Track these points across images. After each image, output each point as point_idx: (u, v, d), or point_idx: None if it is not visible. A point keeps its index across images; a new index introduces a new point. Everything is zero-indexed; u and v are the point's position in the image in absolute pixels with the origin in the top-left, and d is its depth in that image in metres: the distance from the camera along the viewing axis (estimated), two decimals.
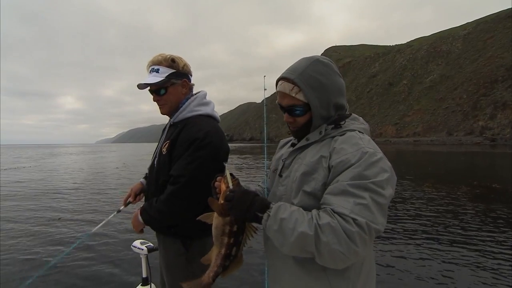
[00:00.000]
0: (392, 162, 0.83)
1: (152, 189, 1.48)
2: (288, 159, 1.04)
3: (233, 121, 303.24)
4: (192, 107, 1.46)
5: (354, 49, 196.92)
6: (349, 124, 0.97)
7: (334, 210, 0.77)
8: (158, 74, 1.40)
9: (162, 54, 1.44)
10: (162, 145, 1.45)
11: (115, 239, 4.53)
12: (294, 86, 0.94)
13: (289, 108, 0.98)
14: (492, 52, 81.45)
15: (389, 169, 0.84)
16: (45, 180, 12.23)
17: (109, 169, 17.07)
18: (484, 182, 9.89)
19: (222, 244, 0.89)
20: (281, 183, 1.02)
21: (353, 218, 0.74)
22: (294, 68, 0.97)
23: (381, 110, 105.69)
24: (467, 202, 7.04)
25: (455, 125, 71.82)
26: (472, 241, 4.38)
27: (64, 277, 3.34)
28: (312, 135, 0.98)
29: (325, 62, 0.97)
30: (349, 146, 0.87)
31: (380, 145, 0.87)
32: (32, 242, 4.51)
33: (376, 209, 0.77)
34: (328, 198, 0.81)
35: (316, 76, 0.94)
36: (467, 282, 3.19)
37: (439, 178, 11.18)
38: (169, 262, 1.47)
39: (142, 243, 2.11)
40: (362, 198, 0.76)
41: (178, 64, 1.44)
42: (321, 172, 0.88)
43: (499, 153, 27.08)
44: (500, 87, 68.27)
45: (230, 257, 0.90)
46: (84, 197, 8.45)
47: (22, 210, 6.67)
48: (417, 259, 3.79)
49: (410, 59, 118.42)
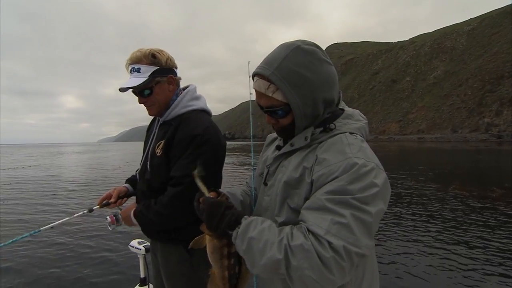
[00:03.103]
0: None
1: (145, 193, 1.37)
2: (273, 165, 0.93)
3: (234, 119, 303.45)
4: (185, 102, 1.35)
5: (356, 46, 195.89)
6: (341, 126, 0.83)
7: (309, 228, 0.67)
8: (140, 74, 1.25)
9: (141, 50, 1.27)
10: (155, 146, 1.33)
11: (112, 239, 4.43)
12: (270, 84, 0.78)
13: (268, 109, 0.83)
14: (498, 47, 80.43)
15: (380, 183, 0.71)
16: (46, 181, 12.11)
17: (112, 168, 16.88)
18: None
19: (223, 267, 0.81)
20: (266, 193, 0.91)
21: (328, 241, 0.63)
22: (269, 60, 0.80)
23: (384, 107, 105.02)
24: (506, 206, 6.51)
25: (460, 122, 71.14)
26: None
27: (61, 277, 3.28)
28: (297, 140, 0.85)
29: (307, 49, 0.78)
30: (333, 155, 0.74)
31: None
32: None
33: (358, 229, 0.65)
34: (304, 213, 0.72)
35: (296, 70, 0.77)
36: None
37: (464, 178, 10.63)
38: (171, 272, 1.35)
39: (139, 243, 1.98)
40: (341, 216, 0.65)
41: (160, 59, 1.28)
42: (304, 187, 0.77)
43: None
44: (506, 83, 67.47)
45: (236, 275, 0.83)
46: (83, 197, 8.25)
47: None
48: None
49: (413, 55, 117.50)
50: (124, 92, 1.29)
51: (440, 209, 6.16)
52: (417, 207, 6.38)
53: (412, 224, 5.19)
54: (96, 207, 1.42)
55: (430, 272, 3.37)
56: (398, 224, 5.21)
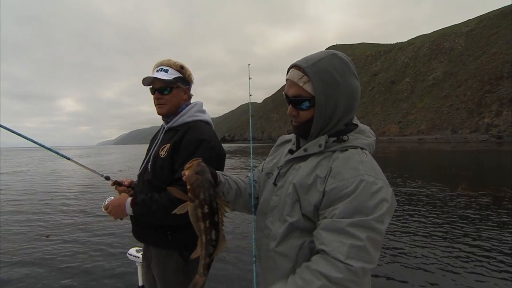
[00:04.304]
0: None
1: (144, 192, 1.39)
2: (284, 167, 0.99)
3: (234, 121, 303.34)
4: (193, 112, 1.49)
5: (355, 48, 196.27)
6: (353, 139, 0.89)
7: (330, 254, 0.74)
8: (166, 74, 1.43)
9: (171, 60, 1.49)
10: (159, 149, 1.43)
11: (110, 247, 4.36)
12: (303, 75, 0.86)
13: (294, 98, 0.90)
14: (497, 48, 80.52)
15: (390, 198, 0.78)
16: (45, 185, 11.97)
17: (113, 171, 16.67)
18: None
19: (200, 231, 0.87)
20: (275, 193, 0.97)
21: (348, 265, 0.71)
22: (308, 57, 0.89)
23: (383, 108, 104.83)
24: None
25: (460, 123, 71.03)
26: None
27: (57, 285, 3.21)
28: (311, 146, 0.91)
29: (343, 58, 0.89)
30: (347, 170, 0.80)
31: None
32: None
33: (372, 249, 0.74)
34: (322, 234, 0.78)
35: (330, 70, 0.85)
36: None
37: (472, 179, 10.42)
38: (168, 279, 1.39)
39: (137, 251, 1.94)
40: (358, 240, 0.72)
41: (186, 72, 1.51)
42: (315, 195, 0.83)
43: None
44: (505, 84, 67.39)
45: (212, 242, 0.87)
46: (84, 201, 8.13)
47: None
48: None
49: (412, 56, 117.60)
50: (147, 85, 1.45)
51: (453, 211, 6.04)
52: (428, 210, 6.26)
53: (427, 226, 5.08)
54: (112, 180, 1.51)
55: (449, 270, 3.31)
56: (410, 226, 5.09)
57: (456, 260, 3.69)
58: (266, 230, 0.97)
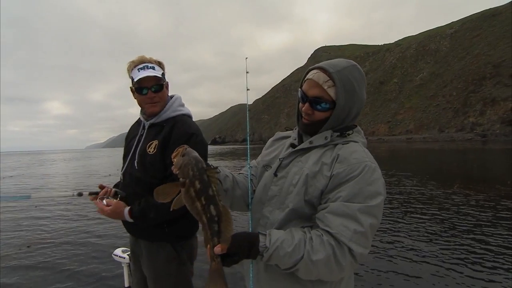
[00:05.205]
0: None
1: (138, 194, 1.36)
2: (287, 159, 1.01)
3: (225, 123, 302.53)
4: (176, 106, 1.48)
5: (344, 49, 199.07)
6: (354, 136, 0.98)
7: (334, 236, 0.79)
8: (155, 71, 1.39)
9: (151, 57, 1.44)
10: (145, 146, 1.39)
11: (96, 247, 4.25)
12: (329, 80, 0.92)
13: (315, 99, 0.94)
14: (479, 49, 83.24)
15: (384, 186, 0.87)
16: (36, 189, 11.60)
17: (102, 176, 16.25)
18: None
19: (199, 213, 0.80)
20: (275, 183, 1.00)
21: (350, 248, 0.77)
22: (333, 63, 0.95)
23: (373, 108, 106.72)
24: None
25: (446, 122, 72.94)
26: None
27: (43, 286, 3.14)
28: (317, 139, 0.97)
29: (361, 71, 0.97)
30: (354, 157, 0.88)
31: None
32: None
33: (371, 235, 0.81)
34: (328, 217, 0.82)
35: (352, 80, 0.93)
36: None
37: (468, 178, 10.46)
38: (159, 271, 1.37)
39: (123, 251, 1.90)
40: (361, 225, 0.78)
41: (163, 68, 1.49)
42: (321, 180, 0.89)
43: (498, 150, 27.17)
44: (488, 84, 69.69)
45: (213, 219, 0.80)
46: (75, 204, 7.88)
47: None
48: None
49: (399, 58, 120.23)
50: (148, 85, 1.40)
51: (447, 207, 6.11)
52: (422, 208, 6.32)
53: (423, 224, 5.10)
54: (86, 193, 1.43)
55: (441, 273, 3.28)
56: (402, 227, 5.11)
57: (451, 257, 3.71)
58: (263, 219, 0.99)
